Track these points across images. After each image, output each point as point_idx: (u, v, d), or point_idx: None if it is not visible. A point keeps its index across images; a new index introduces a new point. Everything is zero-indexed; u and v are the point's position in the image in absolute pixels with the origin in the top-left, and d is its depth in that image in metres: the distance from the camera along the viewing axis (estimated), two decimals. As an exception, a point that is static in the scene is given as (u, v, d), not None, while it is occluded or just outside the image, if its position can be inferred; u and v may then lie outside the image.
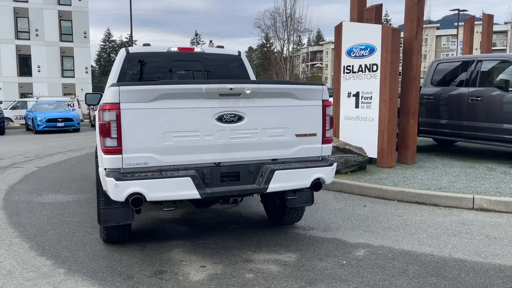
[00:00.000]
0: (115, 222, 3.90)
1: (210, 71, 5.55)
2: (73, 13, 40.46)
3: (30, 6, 39.09)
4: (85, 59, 41.71)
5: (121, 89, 3.31)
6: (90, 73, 42.57)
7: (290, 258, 3.91)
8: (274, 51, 43.02)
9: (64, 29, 40.21)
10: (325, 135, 3.97)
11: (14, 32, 38.78)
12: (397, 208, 5.62)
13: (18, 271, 3.67)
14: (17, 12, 38.83)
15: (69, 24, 40.30)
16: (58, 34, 40.00)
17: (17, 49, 38.84)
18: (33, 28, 39.13)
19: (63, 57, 40.24)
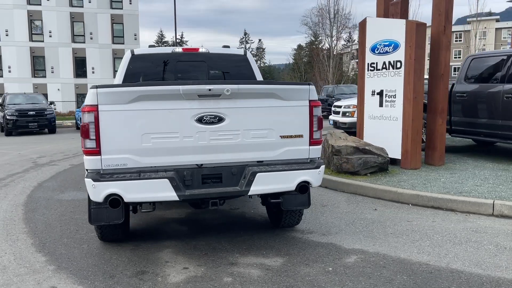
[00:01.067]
0: (106, 222, 3.97)
1: (214, 71, 5.55)
2: (124, 16, 42.03)
3: (85, 11, 41.04)
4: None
5: (99, 91, 3.37)
6: (140, 74, 44.01)
7: (276, 263, 3.82)
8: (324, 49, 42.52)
9: (116, 32, 41.88)
10: (313, 136, 3.83)
11: (71, 36, 40.89)
12: (409, 212, 5.34)
13: (12, 267, 3.84)
14: (73, 17, 40.90)
15: (120, 27, 41.92)
16: (110, 37, 41.72)
17: (74, 52, 40.94)
18: (88, 31, 41.07)
19: (115, 58, 41.89)
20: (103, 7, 41.28)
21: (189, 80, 3.81)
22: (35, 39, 40.38)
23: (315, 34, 55.09)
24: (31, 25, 40.32)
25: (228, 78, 5.56)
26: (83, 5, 40.92)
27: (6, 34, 39.72)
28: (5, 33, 39.67)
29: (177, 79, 5.40)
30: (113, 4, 41.77)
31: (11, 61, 39.91)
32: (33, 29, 40.47)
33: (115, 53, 41.87)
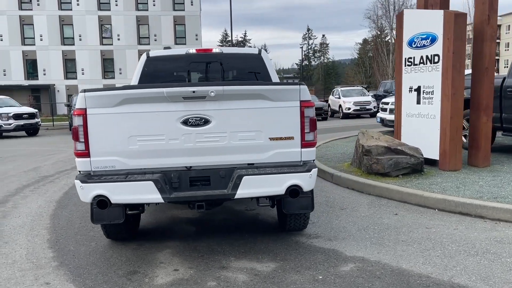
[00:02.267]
0: (107, 221, 4.09)
1: (227, 71, 5.52)
2: (186, 17, 43.35)
3: (150, 14, 42.89)
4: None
5: (86, 95, 3.47)
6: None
7: (267, 268, 3.71)
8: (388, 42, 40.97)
9: (178, 33, 43.34)
10: (304, 138, 3.67)
11: (137, 38, 42.91)
12: (431, 218, 4.97)
13: (20, 261, 4.07)
14: (139, 20, 42.90)
15: (182, 28, 43.32)
16: (173, 38, 43.25)
17: (139, 53, 42.88)
18: (152, 33, 42.87)
19: (178, 59, 43.33)
20: (166, 9, 42.87)
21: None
22: (105, 42, 42.86)
23: (380, 28, 53.29)
24: (101, 29, 42.82)
25: (241, 77, 5.51)
26: (147, 8, 42.78)
27: (80, 39, 42.53)
28: (79, 37, 42.48)
29: (190, 79, 5.44)
30: (176, 6, 43.23)
31: (84, 64, 42.69)
32: (103, 33, 42.97)
33: (177, 54, 43.25)
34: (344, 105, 24.33)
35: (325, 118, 24.42)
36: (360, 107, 23.73)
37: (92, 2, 42.27)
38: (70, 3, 42.27)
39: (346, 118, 24.28)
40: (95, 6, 42.37)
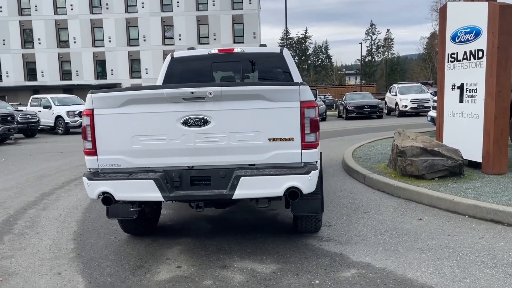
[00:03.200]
0: (121, 217, 4.28)
1: (249, 71, 5.53)
2: (245, 16, 43.83)
3: (210, 14, 43.85)
4: (255, 58, 44.74)
5: (93, 96, 3.64)
6: (259, 71, 45.55)
7: (267, 270, 3.69)
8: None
9: (237, 32, 43.95)
10: (304, 139, 3.58)
11: (197, 38, 44.08)
12: (458, 225, 4.67)
13: (43, 251, 4.36)
14: (199, 20, 44.01)
15: (240, 26, 43.86)
16: (231, 37, 43.92)
17: (199, 52, 44.04)
18: (211, 33, 43.82)
19: (236, 57, 43.98)
20: (225, 9, 43.61)
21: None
22: (167, 42, 44.44)
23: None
24: (164, 30, 44.45)
25: (262, 76, 5.49)
26: (207, 8, 43.76)
27: (144, 39, 44.44)
28: (143, 38, 44.41)
29: (212, 79, 5.51)
30: (234, 5, 43.84)
31: (147, 64, 44.56)
32: (166, 33, 44.59)
33: (235, 52, 43.90)
34: (400, 102, 23.40)
35: (380, 116, 23.66)
36: (417, 105, 22.69)
37: (156, 4, 43.98)
38: (136, 6, 44.27)
39: (403, 116, 23.35)
40: (159, 8, 44.03)
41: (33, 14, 44.69)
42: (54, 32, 44.96)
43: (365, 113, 23.33)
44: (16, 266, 3.99)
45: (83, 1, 44.37)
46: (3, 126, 16.44)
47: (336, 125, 20.76)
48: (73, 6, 44.33)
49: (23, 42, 45.33)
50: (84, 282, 3.59)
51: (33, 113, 20.27)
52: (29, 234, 4.93)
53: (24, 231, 5.07)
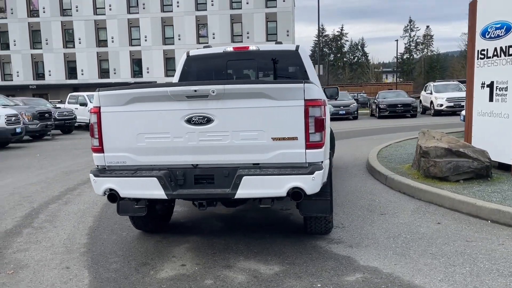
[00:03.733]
0: (131, 213, 4.32)
1: (263, 69, 5.47)
2: (278, 13, 43.69)
3: (243, 12, 43.98)
4: (288, 56, 44.55)
5: (100, 94, 3.69)
6: (292, 69, 45.32)
7: (270, 271, 3.63)
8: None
9: (270, 30, 43.90)
10: (309, 139, 3.49)
11: (230, 36, 44.32)
12: (478, 230, 4.44)
13: (57, 245, 4.47)
14: (233, 19, 44.23)
15: (274, 24, 43.78)
16: (264, 35, 43.90)
17: (232, 51, 44.29)
18: (245, 31, 43.96)
19: (269, 55, 43.94)
20: (258, 7, 43.62)
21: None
22: (201, 41, 44.88)
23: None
24: (198, 28, 44.97)
25: (278, 74, 5.42)
26: (241, 6, 43.91)
27: (179, 38, 45.11)
28: (178, 37, 45.08)
29: (227, 77, 5.48)
30: (268, 3, 43.78)
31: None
32: (200, 31, 45.09)
33: (269, 50, 43.88)
34: (435, 101, 22.63)
35: (414, 115, 22.99)
36: (453, 104, 21.84)
37: (190, 3, 44.55)
38: (171, 5, 45.01)
39: (438, 115, 22.57)
40: (193, 7, 44.59)
41: (74, 14, 46.26)
42: (93, 31, 46.37)
43: (398, 112, 22.72)
44: (29, 259, 4.11)
45: (121, 1, 45.52)
46: (40, 122, 17.07)
47: (367, 124, 20.34)
48: (112, 6, 45.55)
49: (64, 42, 47.00)
50: (90, 277, 3.65)
51: (70, 110, 20.98)
52: (47, 228, 5.08)
53: (43, 225, 5.23)
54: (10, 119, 14.29)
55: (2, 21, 47.20)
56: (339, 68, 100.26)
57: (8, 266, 3.95)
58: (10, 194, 6.98)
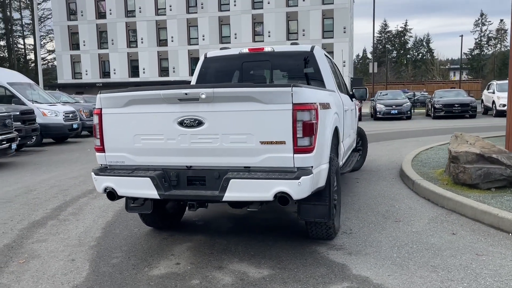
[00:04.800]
0: (138, 211, 4.49)
1: (278, 70, 5.43)
2: (335, 10, 42.96)
3: (299, 9, 43.70)
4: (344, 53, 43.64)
5: (101, 97, 3.86)
6: (348, 67, 44.37)
7: (258, 275, 3.63)
8: None
9: (326, 27, 43.30)
10: (297, 143, 3.44)
11: (286, 34, 44.24)
12: (493, 244, 4.15)
13: (72, 237, 4.74)
14: (289, 16, 44.10)
15: (330, 21, 43.09)
16: (321, 32, 43.38)
17: (288, 49, 44.18)
18: (300, 29, 43.68)
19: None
20: (315, 4, 43.15)
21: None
22: (257, 39, 45.25)
23: None
24: (254, 27, 45.32)
25: (291, 76, 5.37)
26: (297, 4, 43.65)
27: (235, 37, 45.73)
28: (234, 36, 45.72)
29: (242, 79, 5.51)
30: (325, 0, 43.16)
31: (238, 60, 45.77)
32: (255, 31, 45.43)
33: (324, 48, 43.27)
34: (498, 101, 21.16)
35: (473, 116, 21.68)
36: (518, 104, 20.27)
37: (247, 2, 45.00)
38: (228, 4, 45.73)
39: (500, 116, 21.04)
40: (249, 5, 44.99)
41: (137, 15, 48.37)
42: (154, 31, 48.21)
43: (455, 112, 21.52)
44: (43, 250, 4.39)
45: (181, 2, 46.93)
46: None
47: (419, 125, 19.49)
48: (172, 6, 47.09)
49: (128, 42, 49.30)
50: (89, 270, 3.84)
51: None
52: (70, 221, 5.40)
53: (68, 217, 5.56)
54: (68, 115, 15.27)
55: (73, 23, 50.41)
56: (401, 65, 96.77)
57: (22, 255, 4.25)
58: (50, 187, 7.48)
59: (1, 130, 9.82)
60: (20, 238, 4.77)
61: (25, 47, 68.34)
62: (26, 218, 5.54)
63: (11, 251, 4.38)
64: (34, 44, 66.90)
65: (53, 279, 3.66)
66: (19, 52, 68.13)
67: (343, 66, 43.50)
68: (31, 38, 66.06)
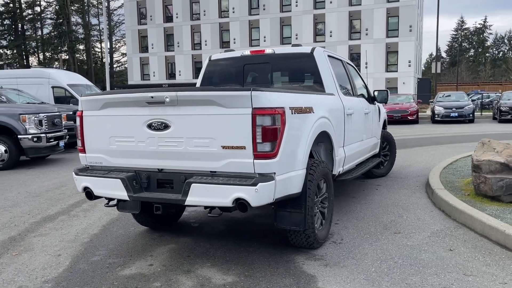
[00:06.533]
0: (128, 211, 4.59)
1: (278, 72, 5.31)
2: (401, 8, 41.27)
3: (363, 8, 42.52)
4: (409, 52, 41.79)
5: (81, 99, 4.01)
6: (413, 67, 42.41)
7: (221, 281, 3.56)
8: None
9: (391, 25, 41.70)
10: (256, 149, 3.33)
11: (348, 33, 43.25)
12: (489, 263, 3.75)
13: (72, 233, 4.96)
14: (352, 15, 43.05)
15: (395, 20, 41.45)
16: (385, 31, 41.87)
17: (350, 49, 43.15)
18: (363, 28, 42.48)
19: (388, 52, 41.78)
20: (379, 2, 41.74)
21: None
22: (318, 40, 44.69)
23: None
24: (315, 27, 44.82)
25: (291, 78, 5.22)
26: (361, 2, 42.51)
27: (296, 37, 45.49)
28: (295, 37, 45.50)
29: (243, 81, 5.44)
30: (390, -3, 41.68)
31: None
32: (317, 28, 44.91)
33: (388, 47, 41.79)
34: None
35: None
36: None
37: (309, 2, 44.58)
38: (290, 5, 45.60)
39: None
40: (311, 6, 44.53)
41: (201, 18, 49.77)
42: (218, 34, 49.31)
43: (525, 116, 19.77)
44: (39, 244, 4.64)
45: (244, 4, 47.57)
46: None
47: (480, 129, 18.10)
48: (235, 9, 47.88)
49: (192, 44, 50.88)
50: (67, 266, 3.99)
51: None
52: (78, 217, 5.66)
53: (78, 213, 5.84)
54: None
55: (143, 27, 52.98)
56: (479, 64, 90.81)
57: (18, 248, 4.52)
58: (80, 184, 7.89)
59: (50, 129, 10.53)
60: (26, 231, 5.08)
61: (101, 50, 73.04)
62: (42, 213, 5.90)
63: (12, 243, 4.67)
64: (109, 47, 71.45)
65: (31, 273, 3.85)
66: (96, 55, 72.97)
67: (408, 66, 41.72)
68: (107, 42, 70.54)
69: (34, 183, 8.01)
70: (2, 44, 60.59)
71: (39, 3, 63.14)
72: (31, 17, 62.75)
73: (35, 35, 64.57)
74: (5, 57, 58.14)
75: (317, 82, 5.04)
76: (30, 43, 64.39)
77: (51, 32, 64.09)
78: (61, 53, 63.47)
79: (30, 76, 16.25)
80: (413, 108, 21.66)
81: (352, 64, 6.58)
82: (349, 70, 6.03)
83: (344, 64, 5.89)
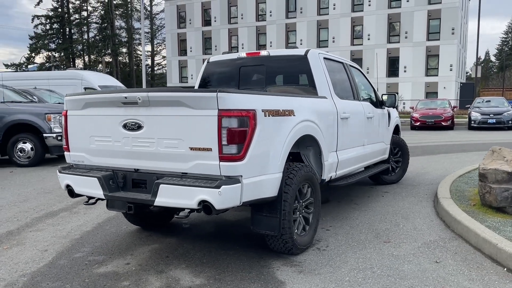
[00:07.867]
0: (117, 210, 4.66)
1: (272, 74, 5.25)
2: (442, 10, 39.95)
3: (402, 11, 41.50)
4: (451, 56, 40.33)
5: (66, 99, 4.11)
6: (455, 71, 40.86)
7: (189, 283, 3.53)
8: None
9: (432, 28, 40.44)
10: (221, 151, 3.28)
11: (387, 36, 42.30)
12: (474, 278, 3.53)
13: (64, 231, 5.09)
14: (390, 18, 42.10)
15: (437, 22, 40.17)
16: (425, 34, 40.64)
17: (388, 52, 42.18)
18: (403, 31, 41.41)
19: (428, 56, 40.50)
20: (420, 4, 40.62)
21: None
22: (355, 43, 44.00)
23: None
24: (353, 30, 44.15)
25: (285, 80, 5.14)
26: (400, 5, 41.51)
27: (333, 41, 45.02)
28: (332, 40, 45.02)
29: (239, 84, 5.41)
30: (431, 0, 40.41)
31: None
32: (354, 34, 44.22)
33: (428, 50, 40.52)
34: None
35: None
36: None
37: (347, 5, 43.97)
38: (327, 8, 45.17)
39: None
40: (349, 9, 43.90)
41: (239, 22, 50.19)
42: (255, 37, 49.55)
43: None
44: (33, 238, 4.79)
45: (281, 7, 47.57)
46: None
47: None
48: (272, 12, 47.97)
49: (230, 47, 51.35)
50: (48, 261, 4.08)
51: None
52: (78, 214, 5.81)
53: (79, 210, 5.99)
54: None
55: (182, 31, 54.07)
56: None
57: (11, 242, 4.69)
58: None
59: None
60: (25, 226, 5.26)
61: (143, 53, 75.06)
62: (46, 208, 6.10)
63: (7, 237, 4.85)
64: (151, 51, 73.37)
65: (13, 266, 3.97)
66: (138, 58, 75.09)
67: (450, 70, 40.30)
68: (149, 46, 72.55)
69: (52, 180, 8.30)
70: (50, 47, 63.49)
71: (85, 8, 65.72)
72: (78, 21, 65.42)
73: (81, 39, 67.27)
74: (53, 60, 60.95)
75: (310, 85, 4.94)
76: (77, 46, 67.11)
77: (96, 36, 66.58)
78: (105, 56, 65.76)
79: (64, 78, 16.96)
80: (447, 114, 20.83)
81: (357, 67, 6.40)
82: (351, 73, 5.86)
83: (345, 66, 5.74)
